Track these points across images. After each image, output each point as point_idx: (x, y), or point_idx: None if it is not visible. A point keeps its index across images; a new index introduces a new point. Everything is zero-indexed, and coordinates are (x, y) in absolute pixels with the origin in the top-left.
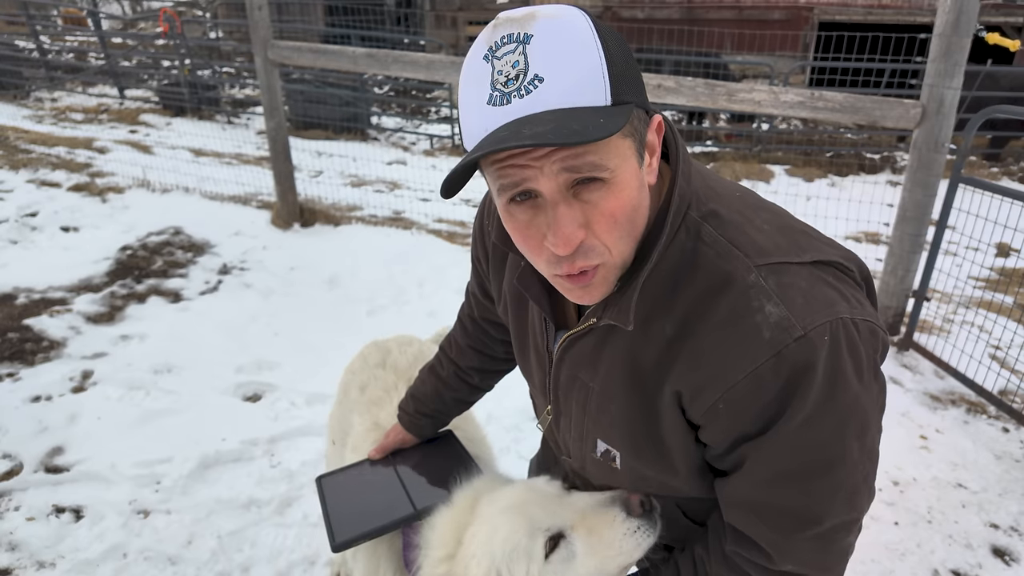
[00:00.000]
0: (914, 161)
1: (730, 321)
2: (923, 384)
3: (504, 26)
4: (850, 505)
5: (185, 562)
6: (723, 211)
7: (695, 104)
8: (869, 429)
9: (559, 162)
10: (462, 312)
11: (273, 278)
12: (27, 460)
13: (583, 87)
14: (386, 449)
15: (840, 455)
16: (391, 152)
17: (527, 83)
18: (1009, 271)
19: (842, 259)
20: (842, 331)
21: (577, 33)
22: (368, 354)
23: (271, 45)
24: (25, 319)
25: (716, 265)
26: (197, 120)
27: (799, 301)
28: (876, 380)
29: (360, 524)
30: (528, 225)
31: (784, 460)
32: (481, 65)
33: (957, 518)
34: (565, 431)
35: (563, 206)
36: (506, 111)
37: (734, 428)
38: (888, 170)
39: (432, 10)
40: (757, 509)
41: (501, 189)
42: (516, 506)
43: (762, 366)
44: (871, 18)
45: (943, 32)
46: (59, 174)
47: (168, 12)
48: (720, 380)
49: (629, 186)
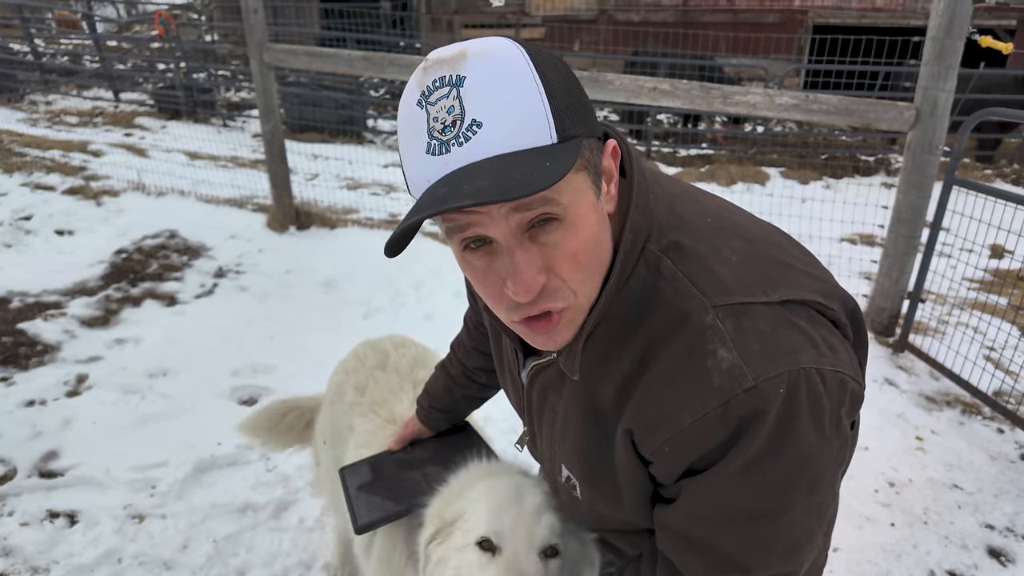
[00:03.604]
0: (908, 163)
1: (682, 363)
2: (918, 385)
3: (435, 69)
4: (788, 560)
5: (180, 567)
6: (686, 242)
7: (690, 107)
8: (821, 485)
9: (507, 206)
10: (467, 315)
11: (269, 281)
12: (21, 465)
13: (525, 128)
14: (405, 440)
15: (782, 507)
16: (387, 155)
17: (464, 130)
18: (1003, 272)
19: (821, 296)
20: (803, 381)
21: (513, 70)
22: (364, 355)
23: (267, 48)
24: (19, 323)
25: (674, 303)
26: (192, 123)
27: (755, 347)
28: (837, 434)
29: (381, 508)
30: (486, 272)
31: (721, 501)
32: (415, 112)
33: (953, 519)
34: (541, 451)
35: (520, 251)
36: (445, 161)
37: (679, 468)
38: (882, 172)
39: (428, 13)
40: (690, 541)
41: (450, 232)
42: (501, 497)
43: (709, 415)
44: (865, 21)
45: (936, 35)
46: (53, 177)
47: (163, 15)
48: (667, 423)
49: (587, 221)
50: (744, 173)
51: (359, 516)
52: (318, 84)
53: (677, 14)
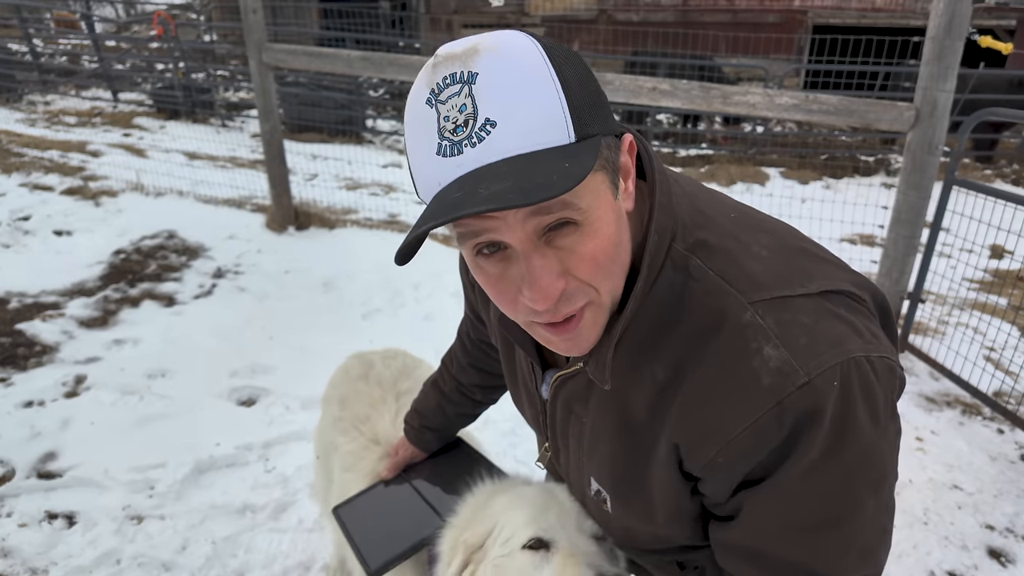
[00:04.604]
0: (908, 163)
1: (725, 367)
2: (918, 386)
3: (445, 65)
4: (865, 562)
5: (179, 568)
6: (713, 239)
7: (690, 107)
8: (886, 480)
9: (524, 210)
10: (461, 328)
11: (268, 282)
12: (19, 466)
13: (542, 127)
14: (398, 467)
15: (851, 509)
16: (386, 155)
17: (477, 129)
18: (1003, 273)
19: (854, 287)
20: (855, 372)
21: (527, 65)
22: (350, 367)
23: (266, 48)
24: (17, 324)
25: (706, 304)
26: (191, 123)
27: (802, 341)
28: (893, 423)
29: (390, 546)
30: (500, 279)
31: (786, 511)
32: (424, 110)
33: (953, 519)
34: (565, 465)
35: (536, 257)
36: (458, 163)
37: (734, 479)
38: (882, 172)
39: (427, 13)
40: (758, 558)
41: (462, 237)
42: (534, 500)
43: (762, 417)
44: (864, 21)
45: (936, 35)
46: (52, 178)
47: (162, 15)
48: (718, 433)
49: (606, 223)
50: (744, 173)
51: (369, 559)
52: (317, 84)
53: (677, 14)
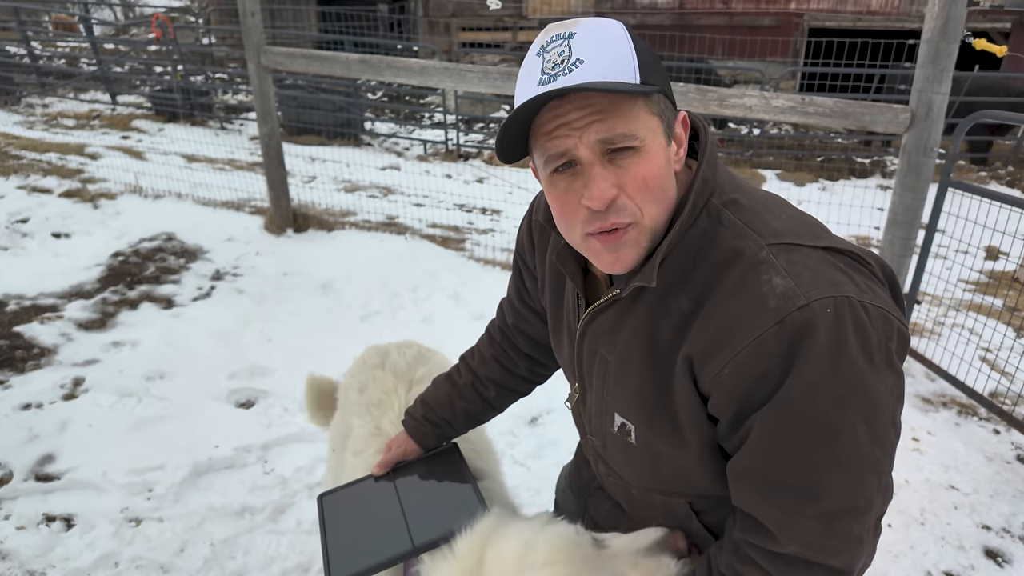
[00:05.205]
0: (904, 165)
1: (739, 291)
2: (914, 387)
3: (553, 29)
4: (853, 488)
5: (177, 570)
6: (744, 200)
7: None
8: (879, 413)
9: (595, 133)
10: (491, 324)
11: (266, 284)
12: (17, 468)
13: (616, 69)
14: (389, 464)
15: (841, 429)
16: (385, 157)
17: (570, 64)
18: (998, 274)
19: (860, 251)
20: (847, 307)
21: (612, 32)
22: (367, 357)
23: (264, 51)
24: (15, 326)
25: (730, 243)
26: (190, 126)
27: (805, 276)
28: (889, 368)
29: (357, 559)
30: (567, 190)
31: (785, 426)
32: (533, 60)
33: (949, 520)
34: (589, 407)
35: (598, 167)
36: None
37: (738, 395)
38: (878, 174)
39: (425, 16)
40: (758, 481)
41: (547, 161)
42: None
43: (766, 332)
44: (860, 24)
45: (931, 38)
46: (50, 180)
47: (161, 18)
48: (727, 346)
49: (658, 157)
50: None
51: (333, 567)
52: (315, 87)
53: (673, 17)
